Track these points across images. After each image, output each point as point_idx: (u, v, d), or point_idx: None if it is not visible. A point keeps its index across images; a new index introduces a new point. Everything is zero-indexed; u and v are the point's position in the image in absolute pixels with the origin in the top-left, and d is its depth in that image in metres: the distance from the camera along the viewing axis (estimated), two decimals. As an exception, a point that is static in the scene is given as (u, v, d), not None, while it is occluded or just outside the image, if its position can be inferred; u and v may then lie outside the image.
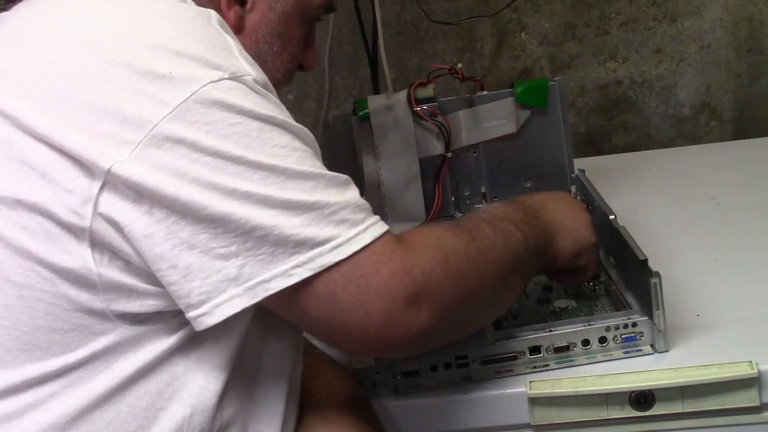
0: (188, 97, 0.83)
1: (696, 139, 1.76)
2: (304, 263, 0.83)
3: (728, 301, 1.15)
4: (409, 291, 0.86)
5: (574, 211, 1.09)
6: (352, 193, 0.88)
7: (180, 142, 0.82)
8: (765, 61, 1.73)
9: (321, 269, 0.84)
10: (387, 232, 0.87)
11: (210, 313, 0.83)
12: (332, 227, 0.84)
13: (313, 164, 0.86)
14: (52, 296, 0.84)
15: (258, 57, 1.01)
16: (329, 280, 0.84)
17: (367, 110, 1.29)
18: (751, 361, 1.02)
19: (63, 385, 0.85)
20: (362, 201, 0.88)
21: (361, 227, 0.86)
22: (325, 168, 0.87)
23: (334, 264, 0.84)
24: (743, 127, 1.75)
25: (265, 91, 0.87)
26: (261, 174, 0.83)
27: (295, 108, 1.72)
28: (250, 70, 0.87)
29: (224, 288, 0.83)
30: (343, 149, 1.33)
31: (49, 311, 0.84)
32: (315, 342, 1.04)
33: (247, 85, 0.86)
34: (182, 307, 0.84)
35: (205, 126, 0.83)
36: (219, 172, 0.82)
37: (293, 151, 0.85)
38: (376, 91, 1.57)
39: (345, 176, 0.89)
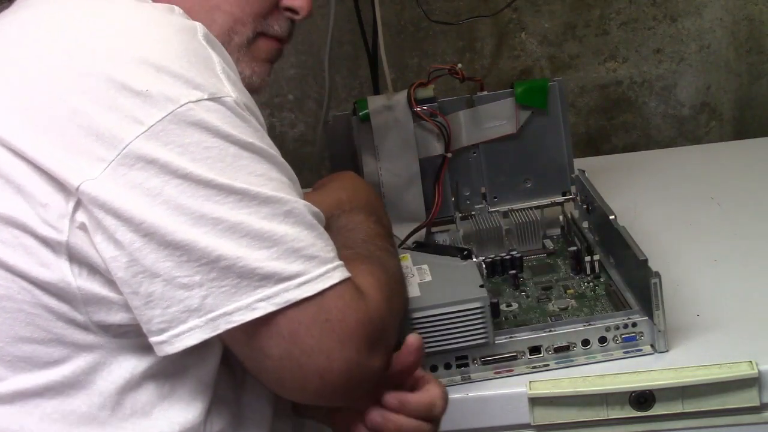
0: (163, 117, 0.80)
1: (696, 139, 1.76)
2: (268, 297, 0.81)
3: (728, 301, 1.15)
4: (371, 339, 0.84)
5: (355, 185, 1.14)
6: (323, 229, 0.86)
7: (152, 162, 0.80)
8: (765, 61, 1.73)
9: (286, 305, 0.81)
10: (351, 276, 0.85)
11: (169, 342, 0.82)
12: (300, 263, 0.82)
13: (289, 194, 0.84)
14: (33, 306, 0.83)
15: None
16: (292, 319, 0.82)
17: (367, 110, 1.29)
18: (751, 361, 1.02)
19: (48, 397, 0.85)
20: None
21: (330, 266, 0.83)
22: (301, 199, 0.85)
23: (300, 301, 0.82)
24: (743, 127, 1.75)
25: (245, 113, 0.84)
26: (232, 198, 0.81)
27: (295, 108, 1.72)
28: (231, 90, 0.84)
29: (185, 318, 0.81)
30: (343, 149, 1.33)
31: (30, 321, 0.83)
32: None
33: (227, 107, 0.83)
34: (144, 331, 0.83)
35: (179, 148, 0.80)
36: (189, 196, 0.80)
37: (269, 181, 0.83)
38: (376, 91, 1.57)
39: (318, 210, 0.87)
